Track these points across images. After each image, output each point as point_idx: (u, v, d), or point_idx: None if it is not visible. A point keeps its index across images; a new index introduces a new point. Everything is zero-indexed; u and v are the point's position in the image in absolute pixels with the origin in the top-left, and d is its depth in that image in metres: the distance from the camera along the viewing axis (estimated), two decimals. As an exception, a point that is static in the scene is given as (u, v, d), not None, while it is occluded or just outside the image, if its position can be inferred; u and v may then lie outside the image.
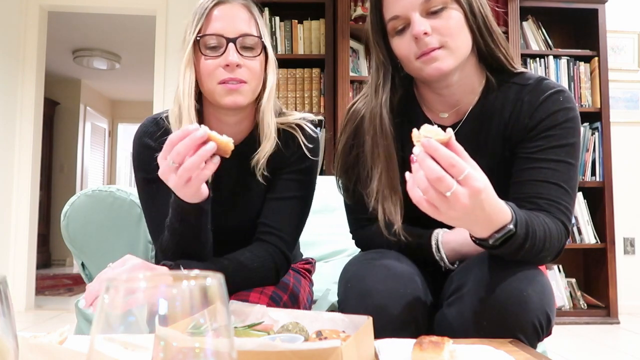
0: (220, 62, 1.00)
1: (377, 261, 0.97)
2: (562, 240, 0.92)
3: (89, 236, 1.29)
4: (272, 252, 1.06)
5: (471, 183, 0.71)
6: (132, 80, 6.47)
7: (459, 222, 0.78)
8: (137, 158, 1.10)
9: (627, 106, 3.51)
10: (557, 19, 3.35)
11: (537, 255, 0.87)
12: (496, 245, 0.82)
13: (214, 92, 1.01)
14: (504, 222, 0.79)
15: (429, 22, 0.92)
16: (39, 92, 3.64)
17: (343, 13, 3.00)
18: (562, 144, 0.94)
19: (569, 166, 0.94)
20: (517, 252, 0.84)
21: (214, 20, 1.01)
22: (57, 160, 6.41)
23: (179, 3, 3.52)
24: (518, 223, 0.81)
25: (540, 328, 0.86)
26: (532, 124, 0.96)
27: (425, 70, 0.94)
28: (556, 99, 0.96)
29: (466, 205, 0.72)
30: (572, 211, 0.95)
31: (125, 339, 0.33)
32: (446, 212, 0.73)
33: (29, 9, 3.55)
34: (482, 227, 0.80)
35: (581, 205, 3.16)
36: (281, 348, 0.58)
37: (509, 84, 1.01)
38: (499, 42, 0.98)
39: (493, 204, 0.76)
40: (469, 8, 0.94)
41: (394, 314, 0.89)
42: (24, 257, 3.49)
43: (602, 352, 2.48)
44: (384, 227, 0.99)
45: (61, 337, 0.74)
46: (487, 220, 0.78)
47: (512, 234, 0.80)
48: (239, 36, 1.00)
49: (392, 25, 0.96)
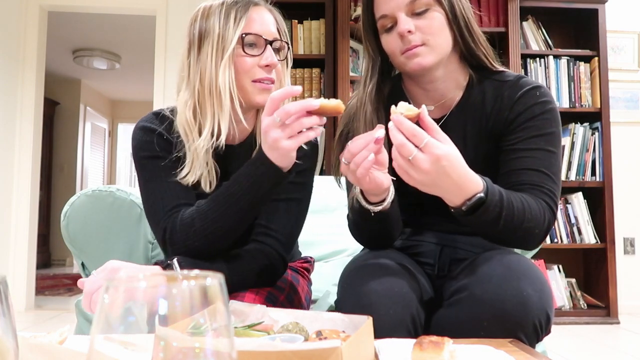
0: (258, 61, 1.03)
1: (374, 261, 0.99)
2: (547, 217, 0.95)
3: (89, 236, 1.29)
4: (268, 253, 1.05)
5: (431, 150, 0.81)
6: (132, 80, 6.47)
7: (429, 187, 0.85)
8: (139, 140, 1.07)
9: (627, 106, 3.51)
10: (557, 19, 3.35)
11: (520, 227, 0.91)
12: (470, 213, 0.87)
13: (246, 90, 1.04)
14: (475, 191, 0.86)
15: (413, 21, 1.00)
16: (39, 92, 3.64)
17: (343, 13, 3.00)
18: (541, 134, 1.00)
19: (549, 153, 0.99)
20: (496, 222, 0.88)
21: (253, 21, 1.04)
22: (57, 160, 6.41)
23: (179, 3, 3.52)
24: (489, 192, 0.87)
25: (540, 328, 0.86)
26: (512, 116, 1.03)
27: (408, 64, 1.03)
28: (533, 93, 1.03)
29: (428, 170, 0.82)
30: (556, 195, 0.98)
31: (125, 339, 0.33)
32: (414, 176, 0.83)
33: (29, 9, 3.55)
34: (452, 195, 0.87)
35: (581, 205, 3.16)
36: (281, 348, 0.58)
37: (490, 81, 1.08)
38: (479, 42, 1.05)
39: (461, 173, 0.84)
40: (450, 10, 1.02)
41: (389, 313, 0.89)
42: (24, 257, 3.49)
43: (602, 352, 2.48)
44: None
45: (61, 337, 0.74)
46: (456, 187, 0.85)
47: (483, 201, 0.86)
48: (274, 39, 1.06)
49: (382, 24, 1.04)
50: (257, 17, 1.05)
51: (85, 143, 6.77)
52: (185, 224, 0.98)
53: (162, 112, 1.11)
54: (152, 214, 1.05)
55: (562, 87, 3.22)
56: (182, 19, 3.58)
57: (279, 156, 0.91)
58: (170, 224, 1.00)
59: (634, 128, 3.50)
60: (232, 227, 0.98)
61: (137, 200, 1.31)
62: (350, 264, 1.04)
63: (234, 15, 1.03)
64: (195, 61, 1.04)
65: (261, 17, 1.06)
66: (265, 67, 1.03)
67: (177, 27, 3.49)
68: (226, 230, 0.98)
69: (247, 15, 1.03)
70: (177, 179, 1.03)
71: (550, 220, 0.96)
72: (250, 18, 1.04)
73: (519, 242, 0.98)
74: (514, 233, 0.92)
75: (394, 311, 0.89)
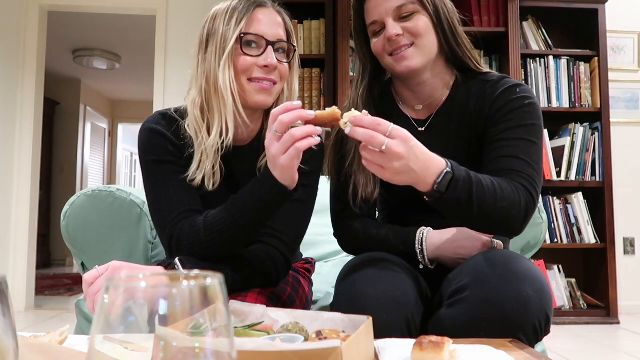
0: (258, 61, 1.03)
1: (368, 264, 0.99)
2: (523, 198, 0.95)
3: (89, 236, 1.29)
4: (271, 253, 1.06)
5: (399, 133, 0.84)
6: (132, 80, 6.47)
7: (403, 175, 0.87)
8: (147, 143, 1.08)
9: (627, 106, 3.51)
10: (557, 19, 3.34)
11: (494, 207, 0.92)
12: (442, 194, 0.89)
13: (244, 89, 1.04)
14: (441, 168, 0.89)
15: (400, 25, 1.06)
16: (39, 92, 3.64)
17: (343, 13, 3.00)
18: (522, 124, 1.03)
19: (529, 143, 1.01)
20: (470, 203, 0.90)
21: (256, 22, 1.05)
22: (57, 160, 6.41)
23: (179, 3, 3.51)
24: (454, 167, 0.90)
25: (539, 328, 0.86)
26: (492, 112, 1.07)
27: (397, 67, 1.08)
28: (514, 90, 1.07)
29: (401, 154, 0.84)
30: (535, 180, 0.99)
31: (125, 339, 0.33)
32: (389, 167, 0.85)
33: (29, 9, 3.55)
34: (423, 177, 0.88)
35: (581, 205, 3.16)
36: (281, 348, 0.58)
37: (475, 81, 1.12)
38: (464, 44, 1.10)
39: (425, 153, 0.88)
40: (435, 14, 1.07)
41: (383, 317, 0.89)
42: (24, 257, 3.49)
43: (602, 352, 2.48)
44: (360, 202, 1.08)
45: (61, 337, 0.74)
46: (424, 168, 0.87)
47: (452, 176, 0.89)
48: (278, 41, 1.06)
49: (372, 29, 1.10)
50: (262, 18, 1.06)
51: (85, 143, 6.76)
52: (192, 232, 0.99)
53: (168, 113, 1.11)
54: (158, 219, 1.06)
55: (562, 87, 3.22)
56: (182, 19, 3.58)
57: (280, 173, 0.92)
58: (177, 232, 1.01)
59: (634, 128, 3.50)
60: (237, 239, 1.00)
61: (137, 200, 1.31)
62: (343, 268, 1.05)
63: (236, 16, 1.04)
64: (202, 61, 1.06)
65: (267, 18, 1.06)
66: (264, 67, 1.03)
67: (177, 27, 3.49)
68: (231, 242, 1.00)
69: (249, 15, 1.04)
70: (183, 176, 1.04)
71: (528, 203, 0.96)
72: (253, 18, 1.05)
73: (500, 226, 0.97)
74: (491, 215, 0.93)
75: (387, 314, 0.90)
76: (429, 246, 1.04)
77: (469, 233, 1.04)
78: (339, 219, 1.16)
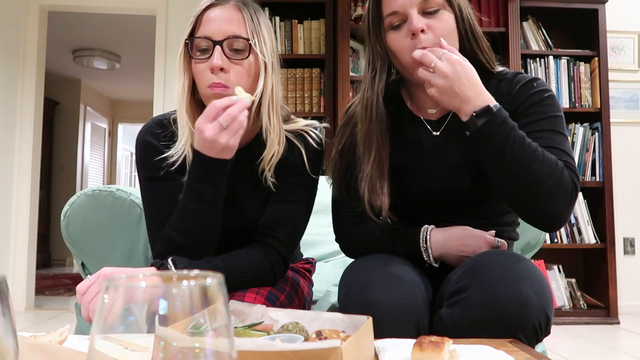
0: (208, 65, 0.99)
1: (380, 268, 0.97)
2: (565, 173, 0.92)
3: (89, 236, 1.29)
4: (268, 253, 1.05)
5: (448, 57, 0.91)
6: (132, 80, 6.47)
7: (447, 97, 0.92)
8: (141, 157, 1.10)
9: (627, 106, 3.51)
10: (557, 19, 3.34)
11: (528, 168, 0.89)
12: (479, 126, 0.90)
13: (205, 96, 1.02)
14: (485, 102, 0.91)
15: (425, 20, 0.98)
16: (39, 92, 3.64)
17: (343, 13, 3.00)
18: (545, 117, 1.00)
19: (557, 134, 0.99)
20: (504, 147, 0.89)
21: (205, 23, 1.00)
22: (57, 160, 6.41)
23: (179, 3, 3.51)
24: (500, 109, 0.91)
25: (539, 329, 0.86)
26: (512, 108, 1.02)
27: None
28: (531, 85, 1.04)
29: (448, 74, 0.90)
30: (576, 168, 0.97)
31: (125, 339, 0.33)
32: (436, 82, 0.91)
33: (29, 8, 3.55)
34: (465, 103, 0.91)
35: (581, 205, 3.16)
36: (281, 348, 0.58)
37: (489, 80, 1.07)
38: (482, 46, 1.06)
39: (474, 82, 0.92)
40: (459, 13, 1.01)
41: (394, 324, 0.88)
42: (24, 257, 3.49)
43: (602, 352, 2.48)
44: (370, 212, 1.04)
45: (61, 337, 0.74)
46: (469, 95, 0.91)
47: (492, 113, 0.90)
48: (226, 38, 0.98)
49: (389, 21, 1.01)
50: (213, 17, 1.00)
51: (85, 143, 6.76)
52: (165, 239, 1.02)
53: (163, 121, 1.11)
54: (149, 230, 1.10)
55: (562, 87, 3.22)
56: (182, 19, 3.57)
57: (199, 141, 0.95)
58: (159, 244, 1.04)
59: (634, 128, 3.50)
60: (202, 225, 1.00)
61: (137, 200, 1.31)
62: (352, 268, 1.02)
63: (190, 20, 1.03)
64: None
65: (216, 17, 0.99)
66: (211, 70, 0.98)
67: (177, 27, 3.49)
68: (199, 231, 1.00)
69: (200, 18, 1.01)
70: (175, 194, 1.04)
71: (569, 182, 0.92)
72: (202, 20, 1.01)
73: (532, 194, 0.92)
74: (521, 174, 0.90)
75: (399, 322, 0.89)
76: (434, 244, 1.03)
77: (473, 231, 1.03)
78: (340, 225, 1.15)
